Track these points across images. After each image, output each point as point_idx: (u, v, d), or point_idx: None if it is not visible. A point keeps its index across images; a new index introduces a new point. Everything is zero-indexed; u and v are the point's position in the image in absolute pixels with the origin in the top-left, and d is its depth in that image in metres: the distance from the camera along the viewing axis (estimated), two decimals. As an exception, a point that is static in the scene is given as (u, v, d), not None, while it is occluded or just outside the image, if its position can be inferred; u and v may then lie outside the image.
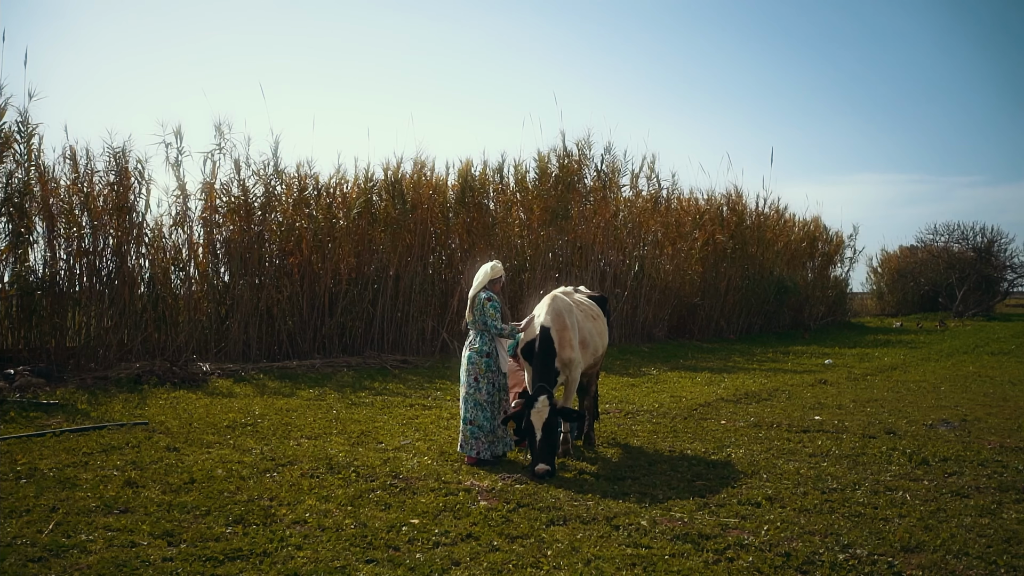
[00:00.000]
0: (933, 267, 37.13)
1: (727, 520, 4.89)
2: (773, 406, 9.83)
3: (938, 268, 36.77)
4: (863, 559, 4.20)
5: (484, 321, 6.71)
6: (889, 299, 37.32)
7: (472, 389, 6.69)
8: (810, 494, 5.54)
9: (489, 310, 6.68)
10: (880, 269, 37.84)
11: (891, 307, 36.83)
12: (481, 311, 6.72)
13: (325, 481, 5.71)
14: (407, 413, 8.95)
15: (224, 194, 13.58)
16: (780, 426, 8.26)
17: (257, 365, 12.64)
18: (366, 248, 14.69)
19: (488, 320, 6.68)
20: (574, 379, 6.72)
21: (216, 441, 7.09)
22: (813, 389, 11.59)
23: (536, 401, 6.16)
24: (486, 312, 6.69)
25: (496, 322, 6.67)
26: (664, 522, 4.84)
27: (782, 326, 25.50)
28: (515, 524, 4.80)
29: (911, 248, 39.44)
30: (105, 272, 12.51)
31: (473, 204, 16.10)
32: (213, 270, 13.75)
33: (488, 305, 6.69)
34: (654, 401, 10.26)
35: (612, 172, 19.15)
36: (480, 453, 6.55)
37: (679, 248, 20.48)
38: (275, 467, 6.08)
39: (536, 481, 5.86)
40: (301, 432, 7.66)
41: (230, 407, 9.07)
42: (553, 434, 6.14)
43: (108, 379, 10.95)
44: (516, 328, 6.75)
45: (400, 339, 14.91)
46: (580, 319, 6.89)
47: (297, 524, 4.73)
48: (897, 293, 37.40)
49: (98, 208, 12.40)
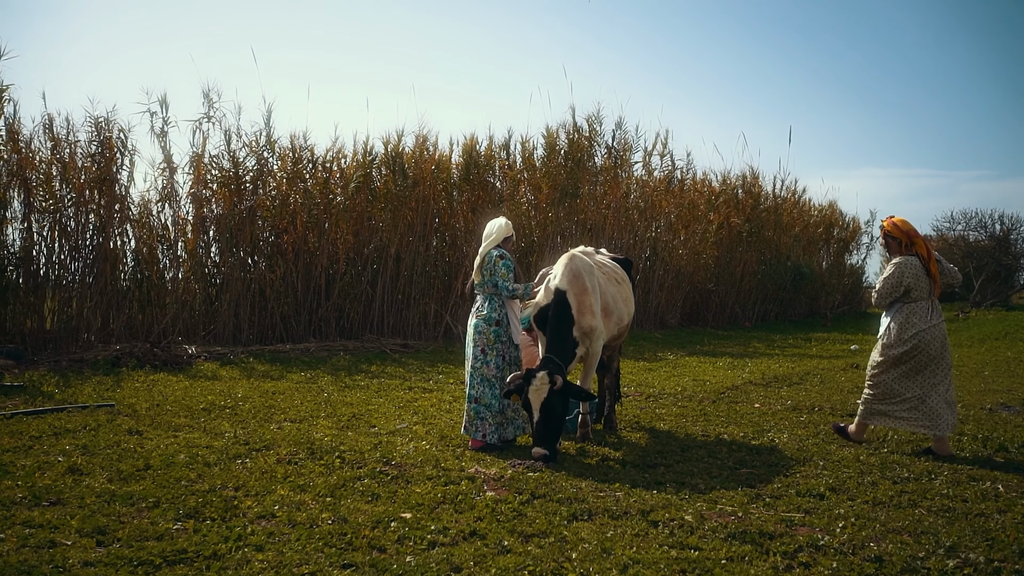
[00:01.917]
0: (949, 256, 36.13)
1: (789, 515, 4.00)
2: (807, 390, 8.94)
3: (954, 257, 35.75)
4: (981, 568, 3.30)
5: (495, 282, 5.83)
6: (904, 289, 36.36)
7: (478, 362, 5.80)
8: (880, 484, 4.65)
9: (501, 269, 5.79)
10: (895, 258, 36.89)
11: (907, 297, 35.87)
12: (491, 270, 5.83)
13: (303, 468, 4.84)
14: (405, 396, 8.09)
15: (214, 167, 12.72)
16: (823, 410, 7.37)
17: (248, 348, 11.80)
18: (365, 226, 13.81)
19: (499, 280, 5.80)
20: (595, 352, 5.80)
21: (186, 424, 6.23)
22: (846, 373, 10.70)
23: (534, 377, 5.27)
24: (497, 271, 5.80)
25: (508, 282, 5.79)
26: (713, 517, 3.95)
27: (798, 314, 24.60)
28: (529, 519, 3.93)
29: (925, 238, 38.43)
30: (86, 248, 11.67)
31: (478, 181, 15.20)
32: (204, 249, 12.90)
33: (500, 264, 5.81)
34: (676, 384, 9.39)
35: (623, 149, 18.21)
36: (487, 436, 5.68)
37: (693, 231, 19.56)
38: (248, 452, 5.21)
39: (548, 467, 4.98)
40: (284, 415, 6.81)
41: (211, 390, 8.23)
42: (554, 414, 5.24)
43: (84, 361, 10.13)
44: (531, 287, 5.87)
45: (401, 323, 14.03)
46: (602, 282, 5.99)
47: (263, 519, 3.87)
48: (912, 283, 36.40)
49: (80, 182, 11.56)
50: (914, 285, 5.69)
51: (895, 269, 5.78)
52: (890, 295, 5.81)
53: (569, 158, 16.56)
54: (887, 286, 5.82)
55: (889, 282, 5.81)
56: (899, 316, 5.72)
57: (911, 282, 5.69)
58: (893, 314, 5.80)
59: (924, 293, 5.71)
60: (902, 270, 5.72)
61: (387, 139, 14.32)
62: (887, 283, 5.83)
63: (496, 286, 5.82)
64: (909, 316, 5.68)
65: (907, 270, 5.70)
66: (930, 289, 5.73)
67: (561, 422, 5.33)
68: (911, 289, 5.70)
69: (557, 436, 5.28)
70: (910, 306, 5.70)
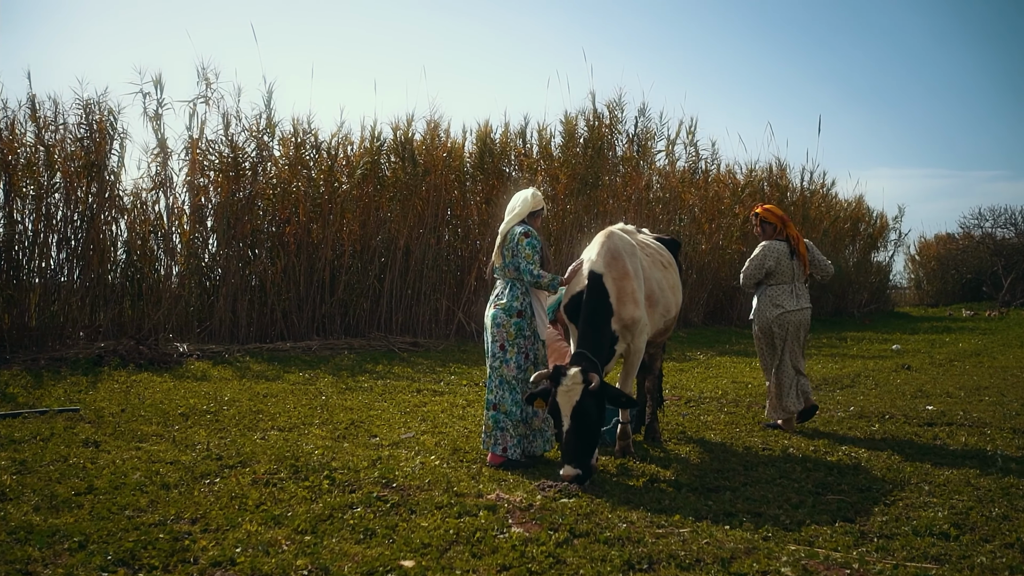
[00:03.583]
0: (975, 255, 34.89)
1: (919, 566, 3.03)
2: (865, 393, 7.95)
3: (982, 255, 34.49)
4: None
5: (517, 264, 4.83)
6: (928, 288, 35.13)
7: (497, 361, 4.83)
8: (1013, 518, 3.66)
9: (525, 248, 4.78)
10: (918, 257, 35.69)
11: (930, 297, 34.64)
12: (514, 251, 4.83)
13: (283, 492, 3.91)
14: (412, 400, 7.16)
15: (211, 152, 11.87)
16: (893, 418, 6.37)
17: (245, 347, 10.92)
18: (372, 217, 12.91)
19: (522, 263, 4.78)
20: (637, 349, 4.82)
21: (155, 433, 5.32)
22: (900, 375, 9.68)
23: (564, 375, 4.30)
24: (520, 251, 4.78)
25: (532, 266, 4.76)
26: (819, 569, 2.98)
27: (825, 312, 23.58)
28: (571, 569, 2.98)
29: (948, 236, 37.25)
30: (73, 239, 10.84)
31: (493, 170, 14.27)
32: (201, 240, 12.04)
33: (525, 243, 4.79)
34: (714, 387, 8.41)
35: (646, 138, 17.24)
36: (508, 451, 4.72)
37: (718, 225, 18.57)
38: (219, 470, 4.29)
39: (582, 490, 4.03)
40: (273, 422, 5.89)
41: (195, 392, 7.34)
42: (588, 423, 4.24)
43: (64, 360, 9.27)
44: (559, 280, 4.84)
45: (410, 320, 13.10)
46: (646, 265, 5.01)
47: (218, 568, 2.94)
48: (936, 282, 35.17)
49: (68, 170, 10.73)
50: (776, 269, 5.96)
51: (760, 251, 6.06)
52: (754, 276, 6.06)
53: (589, 146, 15.62)
54: (751, 267, 6.07)
55: (752, 263, 6.07)
56: (763, 297, 6.04)
57: (772, 265, 5.95)
58: (759, 295, 6.12)
59: (787, 277, 5.99)
60: (765, 253, 5.99)
61: (396, 124, 13.42)
62: (751, 264, 6.08)
63: (518, 269, 4.84)
64: (773, 297, 5.97)
65: (770, 253, 5.97)
66: (794, 274, 6.00)
67: (596, 433, 4.34)
68: (773, 272, 5.97)
69: (592, 450, 4.29)
70: (773, 288, 5.99)
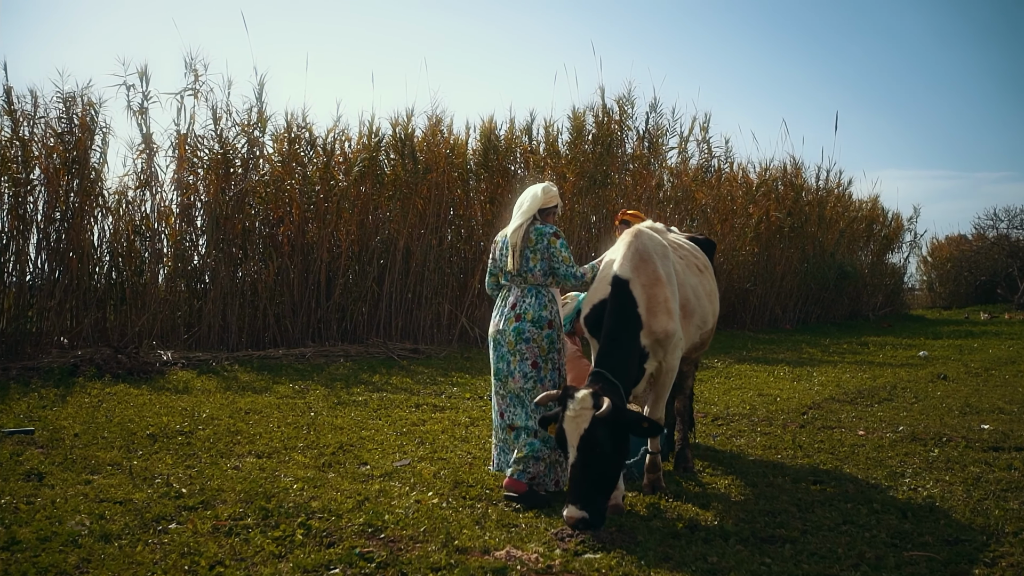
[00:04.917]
0: (990, 255, 34.16)
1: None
2: (907, 409, 7.24)
3: (996, 257, 33.74)
4: None
5: (553, 268, 4.15)
6: (940, 290, 34.41)
7: (530, 382, 4.12)
8: None
9: (561, 251, 4.13)
10: (930, 258, 34.98)
11: (943, 299, 33.91)
12: (545, 251, 4.14)
13: (246, 547, 3.22)
14: (410, 417, 6.47)
15: (200, 148, 11.22)
16: (952, 440, 5.65)
17: (234, 354, 10.25)
18: (371, 216, 12.26)
19: (559, 266, 4.13)
20: (671, 368, 4.12)
21: (113, 462, 4.64)
22: (937, 386, 8.97)
23: (572, 399, 3.63)
24: (555, 254, 4.13)
25: (572, 268, 4.13)
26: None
27: (840, 315, 22.88)
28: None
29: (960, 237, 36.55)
30: (52, 239, 10.20)
31: (497, 168, 13.60)
32: (189, 241, 11.39)
33: (558, 244, 4.13)
34: (740, 400, 7.72)
35: (658, 135, 16.57)
36: (537, 480, 4.02)
37: (731, 225, 17.90)
38: (176, 512, 3.60)
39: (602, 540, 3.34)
40: (251, 446, 5.20)
41: (172, 407, 6.66)
42: (599, 456, 3.57)
43: (36, 369, 8.63)
44: (597, 268, 4.20)
45: (410, 325, 12.43)
46: (680, 269, 4.31)
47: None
48: (949, 284, 34.44)
49: (47, 166, 10.10)
50: None
51: None
52: None
53: (597, 143, 14.96)
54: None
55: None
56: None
57: None
58: None
59: None
60: None
61: (395, 120, 12.78)
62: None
63: (548, 274, 4.17)
64: None
65: None
66: None
67: (611, 469, 3.63)
68: None
69: (605, 490, 3.60)
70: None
